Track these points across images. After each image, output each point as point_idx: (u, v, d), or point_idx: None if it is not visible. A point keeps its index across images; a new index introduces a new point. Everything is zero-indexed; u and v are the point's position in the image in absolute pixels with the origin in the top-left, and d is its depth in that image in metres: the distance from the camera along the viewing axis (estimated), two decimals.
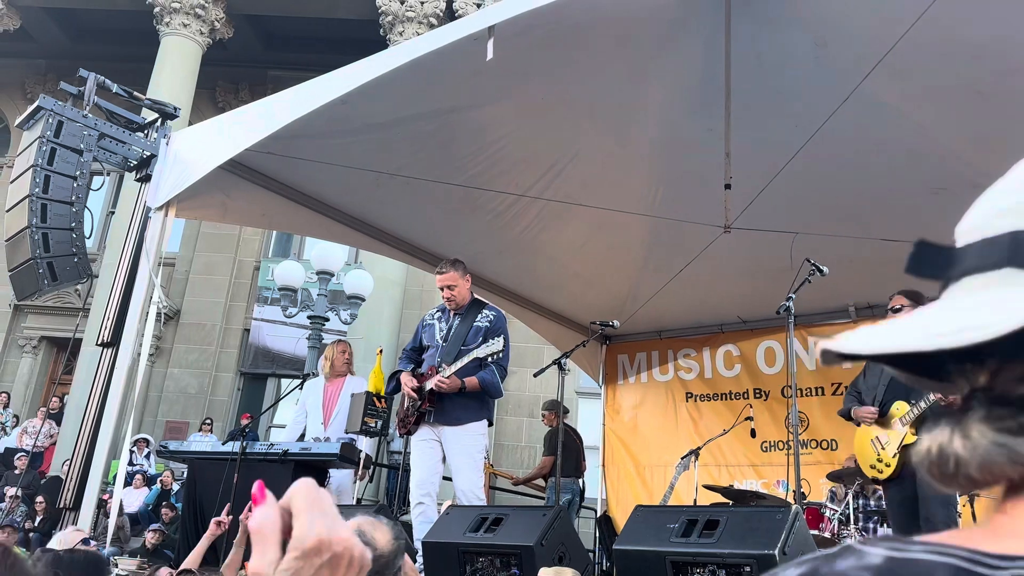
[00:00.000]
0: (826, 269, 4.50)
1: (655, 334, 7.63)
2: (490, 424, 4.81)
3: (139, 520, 9.89)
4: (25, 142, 4.89)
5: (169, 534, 8.76)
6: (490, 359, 4.49)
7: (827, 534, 5.12)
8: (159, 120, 5.22)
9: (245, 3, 14.18)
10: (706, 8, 4.44)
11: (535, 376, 5.46)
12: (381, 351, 7.03)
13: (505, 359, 4.58)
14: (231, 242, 15.13)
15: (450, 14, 13.10)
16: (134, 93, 5.41)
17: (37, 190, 4.63)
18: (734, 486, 5.95)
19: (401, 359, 4.97)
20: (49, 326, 15.12)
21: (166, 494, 10.38)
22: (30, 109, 4.87)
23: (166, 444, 6.25)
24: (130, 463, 10.29)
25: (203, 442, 10.42)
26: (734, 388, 7.24)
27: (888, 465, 4.24)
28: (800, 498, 4.22)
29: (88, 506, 4.55)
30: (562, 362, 5.15)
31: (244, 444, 5.11)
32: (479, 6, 12.48)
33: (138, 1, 13.61)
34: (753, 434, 5.96)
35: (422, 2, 13.27)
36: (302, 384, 6.11)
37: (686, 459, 5.94)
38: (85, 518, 4.53)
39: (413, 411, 4.65)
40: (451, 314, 4.79)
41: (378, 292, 10.59)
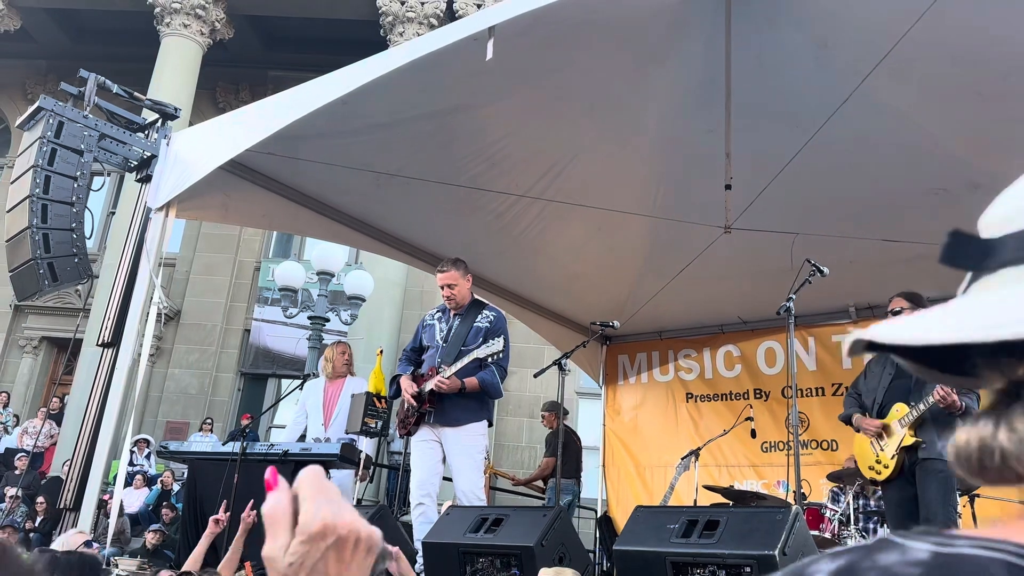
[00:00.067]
0: (826, 270, 4.50)
1: (655, 334, 7.64)
2: (490, 425, 4.81)
3: (139, 520, 9.89)
4: (26, 143, 4.89)
5: (169, 534, 8.76)
6: (490, 360, 4.49)
7: (827, 534, 5.11)
8: (159, 121, 5.22)
9: (245, 4, 14.19)
10: (706, 9, 4.44)
11: (535, 376, 5.46)
12: (381, 352, 7.03)
13: (505, 360, 4.58)
14: (231, 242, 15.13)
15: (450, 14, 13.10)
16: (134, 94, 5.41)
17: (38, 191, 4.63)
18: (734, 487, 5.95)
19: (401, 360, 4.97)
20: (49, 326, 15.13)
21: (166, 494, 10.38)
22: (31, 110, 4.87)
23: (166, 444, 6.25)
24: (130, 463, 10.30)
25: (203, 442, 10.42)
26: (734, 388, 7.24)
27: (886, 466, 4.24)
28: (800, 499, 4.22)
29: (88, 506, 4.55)
30: (562, 362, 5.15)
31: (244, 444, 5.11)
32: (479, 6, 12.48)
33: (139, 2, 13.62)
34: (753, 434, 5.96)
35: (422, 2, 13.28)
36: (302, 384, 6.11)
37: (686, 459, 5.94)
38: (85, 518, 4.53)
39: (413, 412, 4.65)
40: (451, 314, 4.79)
41: (378, 292, 10.59)
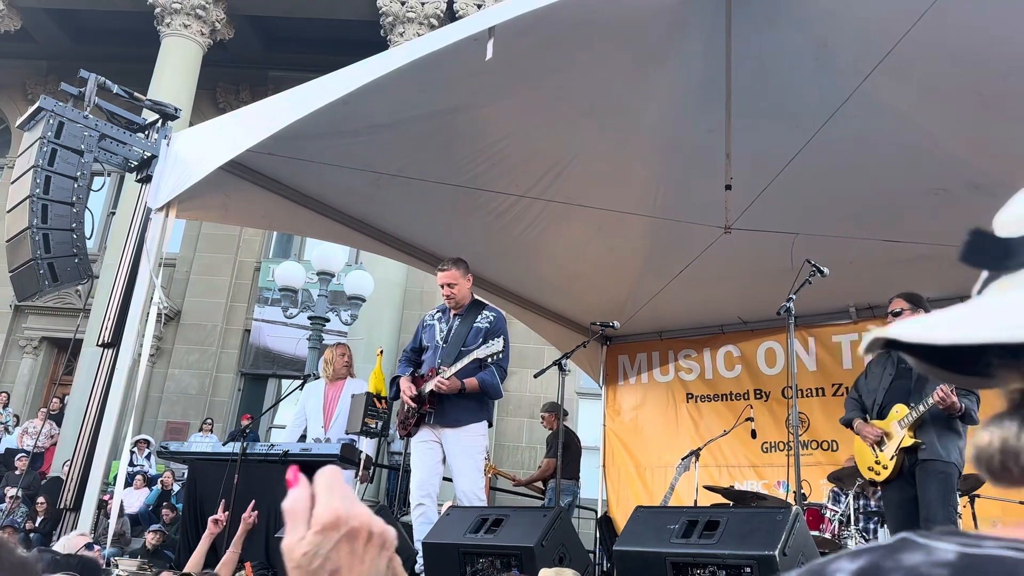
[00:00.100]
0: (827, 270, 4.49)
1: (656, 335, 7.64)
2: (490, 425, 4.80)
3: (139, 521, 9.89)
4: (26, 143, 4.89)
5: (169, 535, 8.76)
6: (490, 360, 4.48)
7: (828, 535, 5.11)
8: (160, 121, 5.22)
9: (246, 4, 14.19)
10: (706, 9, 4.44)
11: (535, 377, 5.46)
12: (381, 352, 7.02)
13: (505, 360, 4.58)
14: (232, 243, 15.13)
15: (451, 15, 13.10)
16: (135, 94, 5.41)
17: (38, 191, 4.64)
18: (734, 487, 5.95)
19: (401, 361, 4.97)
20: (50, 327, 15.13)
21: (166, 495, 10.38)
22: (31, 110, 4.87)
23: (166, 445, 6.26)
24: (131, 464, 10.30)
25: (203, 443, 10.40)
26: (735, 389, 7.24)
27: (885, 467, 4.24)
28: (800, 499, 4.21)
29: (89, 507, 4.55)
30: (563, 363, 5.14)
31: (244, 445, 5.11)
32: (480, 7, 12.48)
33: (139, 2, 13.62)
34: (754, 435, 5.96)
35: (423, 3, 13.28)
36: (303, 385, 6.11)
37: (687, 460, 5.94)
38: (86, 519, 4.53)
39: (413, 413, 4.65)
40: (451, 315, 4.79)
41: (378, 293, 10.59)
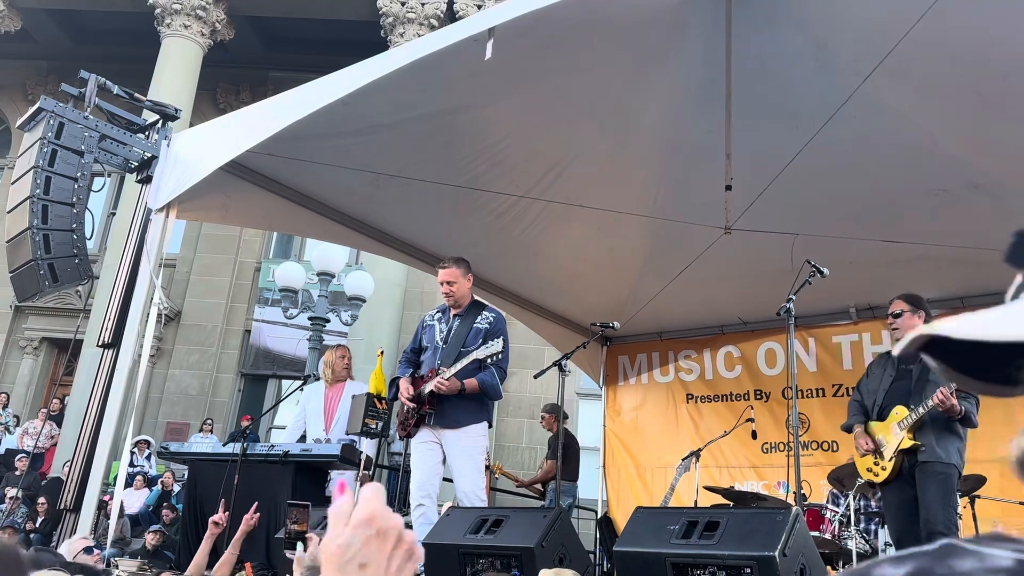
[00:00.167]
0: (827, 270, 4.49)
1: (656, 335, 7.63)
2: (490, 426, 4.81)
3: (140, 521, 9.90)
4: (26, 143, 4.90)
5: (169, 535, 8.76)
6: (489, 361, 4.48)
7: (828, 535, 5.11)
8: (160, 121, 5.22)
9: (246, 4, 14.19)
10: (706, 9, 4.44)
11: (536, 377, 5.46)
12: (382, 352, 7.03)
13: (505, 361, 4.57)
14: (232, 243, 15.14)
15: (451, 15, 13.11)
16: (135, 94, 5.41)
17: (38, 191, 4.64)
18: (735, 487, 5.95)
19: (401, 361, 4.97)
20: (50, 327, 15.14)
21: (167, 495, 10.39)
22: (31, 110, 4.87)
23: (167, 445, 6.25)
24: (131, 464, 10.30)
25: (204, 443, 10.40)
26: (735, 389, 7.24)
27: (884, 468, 4.24)
28: (801, 500, 4.21)
29: (89, 507, 4.55)
30: (563, 363, 5.14)
31: (244, 446, 5.11)
32: (480, 7, 12.48)
33: (139, 2, 13.63)
34: (754, 435, 5.95)
35: (423, 3, 13.28)
36: (303, 385, 6.11)
37: (687, 460, 5.94)
38: (86, 519, 4.53)
39: (413, 414, 4.65)
40: (451, 315, 4.79)
41: (379, 293, 10.60)
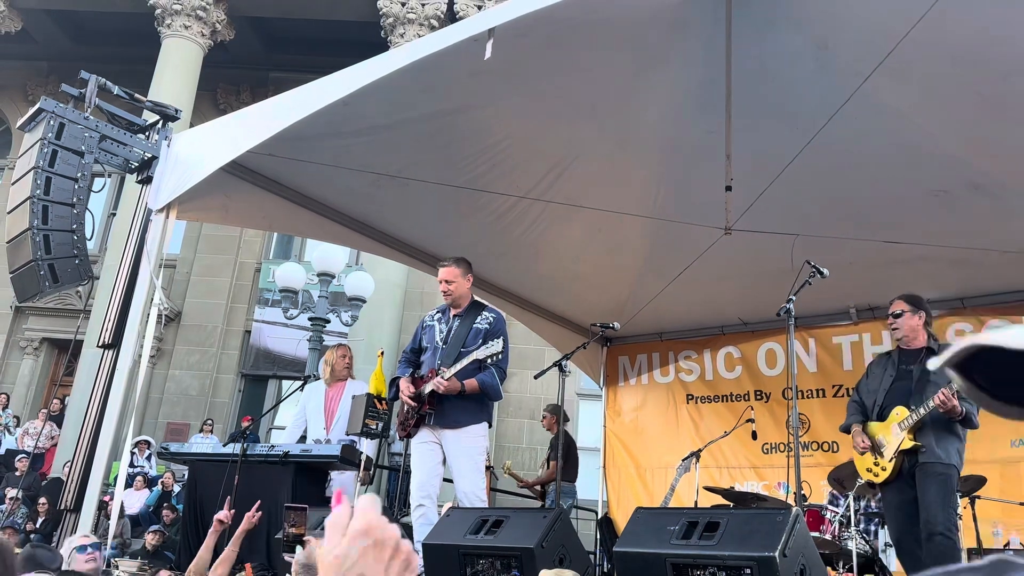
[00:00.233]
0: (827, 271, 4.49)
1: (656, 336, 7.63)
2: (490, 426, 4.81)
3: (140, 522, 9.90)
4: (26, 144, 4.90)
5: (170, 535, 8.76)
6: (489, 361, 4.48)
7: (828, 536, 5.11)
8: (160, 122, 5.22)
9: (246, 5, 14.20)
10: (706, 10, 4.44)
11: (536, 378, 5.46)
12: (382, 353, 7.03)
13: (504, 361, 4.57)
14: (232, 244, 15.14)
15: (451, 16, 13.10)
16: (135, 95, 5.42)
17: (38, 192, 4.64)
18: (735, 488, 5.95)
19: (400, 362, 4.97)
20: (50, 328, 15.14)
21: (167, 496, 10.39)
22: (31, 111, 4.87)
23: (167, 446, 6.25)
24: (131, 465, 10.31)
25: (204, 444, 10.40)
26: (735, 390, 7.24)
27: (884, 469, 4.24)
28: (801, 500, 4.21)
29: (89, 508, 4.54)
30: (563, 364, 5.14)
31: (245, 446, 5.11)
32: (480, 8, 12.48)
33: (139, 3, 13.63)
34: (754, 436, 5.95)
35: (423, 4, 13.28)
36: (303, 386, 6.11)
37: (687, 461, 5.94)
38: (86, 520, 4.53)
39: (413, 414, 4.65)
40: (451, 315, 4.79)
41: (379, 294, 10.59)
